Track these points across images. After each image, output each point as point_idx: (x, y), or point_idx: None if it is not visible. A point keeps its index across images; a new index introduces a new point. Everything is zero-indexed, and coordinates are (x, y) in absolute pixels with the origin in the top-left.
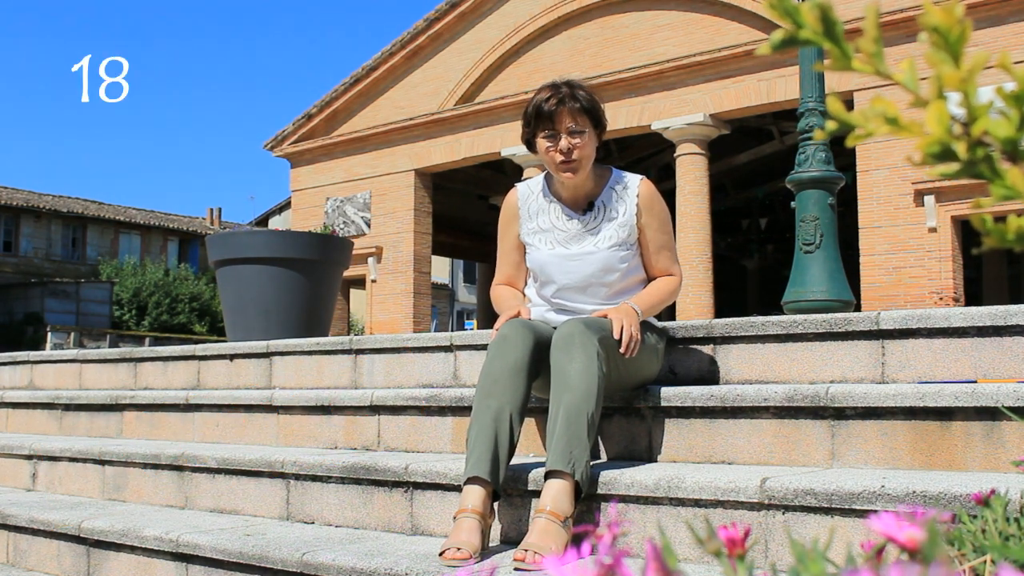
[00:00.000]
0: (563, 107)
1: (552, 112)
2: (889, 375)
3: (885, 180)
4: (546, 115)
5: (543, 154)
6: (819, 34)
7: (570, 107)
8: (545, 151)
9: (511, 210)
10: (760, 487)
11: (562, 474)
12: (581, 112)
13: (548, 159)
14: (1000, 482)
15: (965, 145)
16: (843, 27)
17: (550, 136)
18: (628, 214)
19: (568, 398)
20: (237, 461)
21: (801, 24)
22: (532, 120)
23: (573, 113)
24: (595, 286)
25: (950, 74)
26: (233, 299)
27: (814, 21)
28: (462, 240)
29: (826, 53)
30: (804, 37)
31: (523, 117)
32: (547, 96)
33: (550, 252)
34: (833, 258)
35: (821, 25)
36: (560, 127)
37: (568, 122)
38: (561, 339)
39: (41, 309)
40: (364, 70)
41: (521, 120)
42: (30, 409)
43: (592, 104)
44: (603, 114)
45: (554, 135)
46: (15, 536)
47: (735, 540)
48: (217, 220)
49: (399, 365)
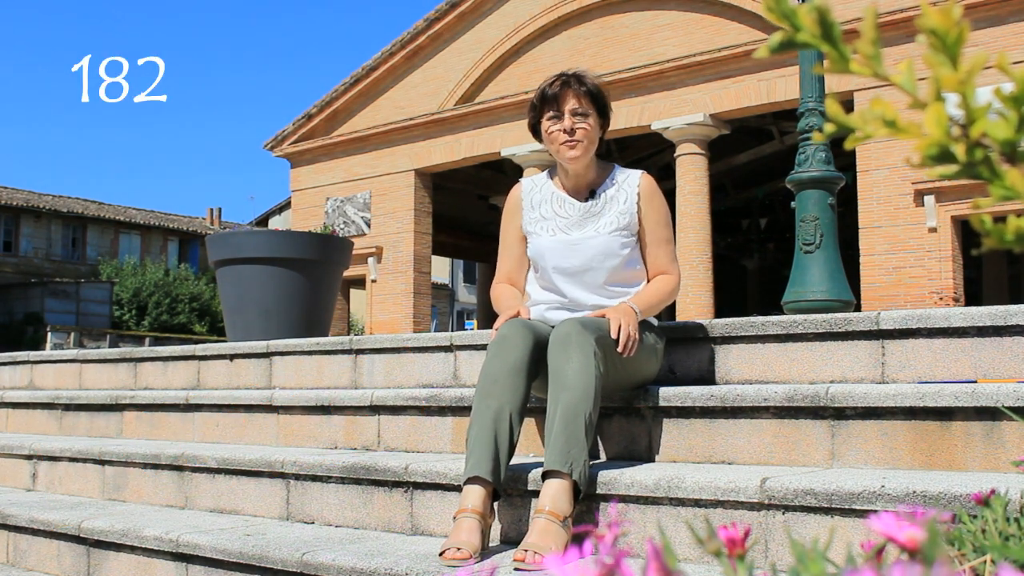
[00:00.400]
0: (568, 88)
1: (557, 94)
2: (889, 375)
3: (885, 180)
4: (551, 97)
5: (546, 137)
6: (817, 37)
7: (575, 89)
8: (548, 132)
9: (515, 203)
10: (760, 487)
11: (560, 474)
12: (586, 95)
13: (551, 140)
14: (1000, 482)
15: (964, 147)
16: (841, 29)
17: (554, 117)
18: (629, 203)
19: (566, 398)
20: (237, 461)
21: (799, 27)
22: (538, 104)
23: (578, 95)
24: (594, 271)
25: (948, 76)
26: (233, 299)
27: (812, 24)
28: (462, 240)
29: (825, 54)
30: (802, 40)
31: (529, 108)
32: (553, 80)
33: (551, 239)
34: (833, 258)
35: (819, 28)
36: (564, 107)
37: (572, 103)
38: (558, 339)
39: (41, 309)
40: (364, 70)
41: (528, 111)
42: (30, 409)
43: (598, 90)
44: (609, 104)
45: (558, 115)
46: (15, 536)
47: (735, 540)
48: (217, 220)
49: (399, 365)
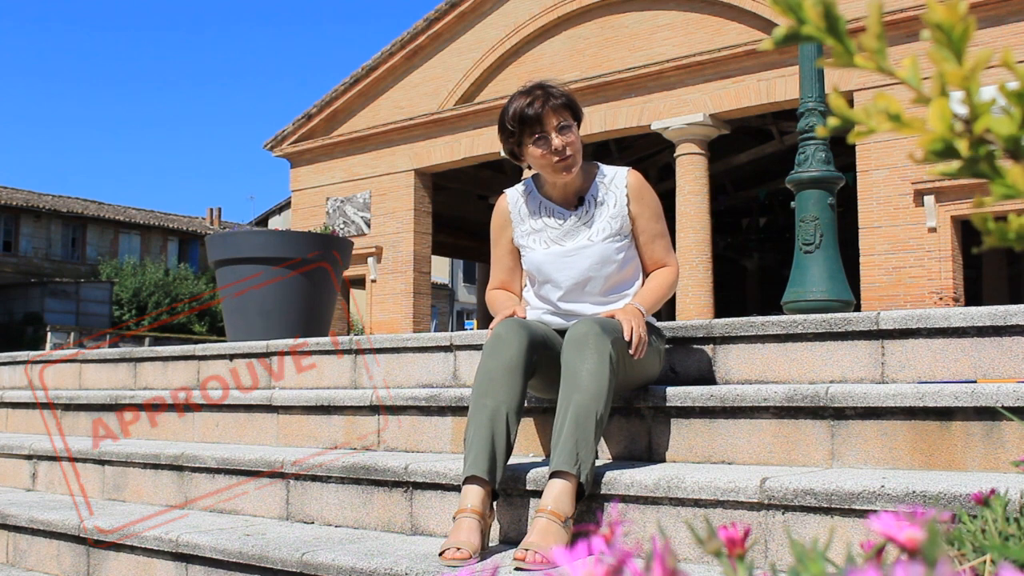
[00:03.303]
0: (547, 107)
1: (539, 114)
2: (889, 375)
3: (885, 180)
4: (532, 119)
5: (536, 160)
6: (822, 30)
7: (553, 105)
8: (540, 156)
9: (502, 216)
10: (760, 487)
11: (567, 475)
12: (564, 108)
13: (542, 163)
14: (1000, 482)
15: (967, 142)
16: (846, 24)
17: (540, 140)
18: (619, 204)
19: (578, 398)
20: (237, 461)
21: (804, 20)
22: (516, 128)
23: (557, 110)
24: (594, 280)
25: (953, 71)
26: (233, 299)
27: (817, 17)
28: (462, 240)
29: (828, 50)
30: (807, 33)
31: (500, 130)
32: (527, 101)
33: (545, 252)
34: (833, 258)
35: (824, 21)
36: (548, 127)
37: (555, 120)
38: (574, 339)
39: (41, 309)
40: (364, 70)
41: (499, 133)
42: (30, 409)
43: (569, 98)
44: (579, 106)
45: (544, 137)
46: (15, 536)
47: (735, 540)
48: (217, 220)
49: (399, 365)
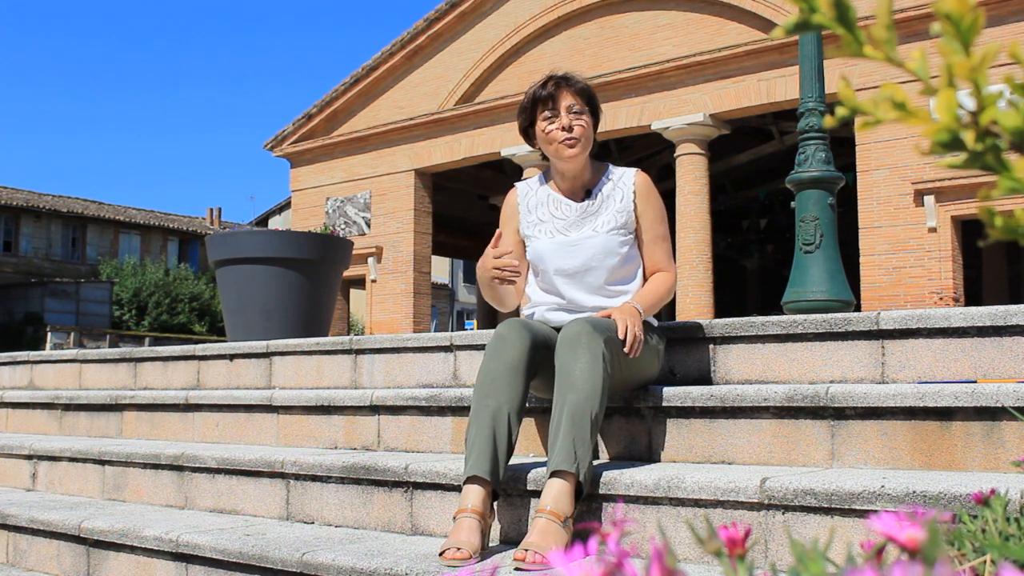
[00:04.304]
0: (562, 87)
1: (552, 93)
2: (889, 375)
3: (885, 180)
4: (545, 97)
5: (543, 137)
6: (832, 19)
7: (568, 87)
8: (545, 132)
9: (511, 207)
10: (760, 487)
11: (565, 474)
12: (580, 93)
13: (548, 139)
14: (1000, 482)
15: (973, 134)
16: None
17: (550, 116)
18: (625, 200)
19: (573, 398)
20: (237, 461)
21: (815, 8)
22: (530, 106)
23: (573, 93)
24: (595, 271)
25: (961, 62)
26: (233, 299)
27: (827, 6)
28: (462, 240)
29: (832, 43)
30: (817, 21)
31: (519, 112)
32: (544, 81)
33: (550, 240)
34: (833, 258)
35: (834, 10)
36: (560, 105)
37: (568, 100)
38: (567, 338)
39: (41, 309)
40: (364, 70)
41: (517, 116)
42: (30, 409)
43: (590, 90)
44: (598, 102)
45: (554, 114)
46: (15, 536)
47: (735, 540)
48: (217, 220)
49: (399, 365)
